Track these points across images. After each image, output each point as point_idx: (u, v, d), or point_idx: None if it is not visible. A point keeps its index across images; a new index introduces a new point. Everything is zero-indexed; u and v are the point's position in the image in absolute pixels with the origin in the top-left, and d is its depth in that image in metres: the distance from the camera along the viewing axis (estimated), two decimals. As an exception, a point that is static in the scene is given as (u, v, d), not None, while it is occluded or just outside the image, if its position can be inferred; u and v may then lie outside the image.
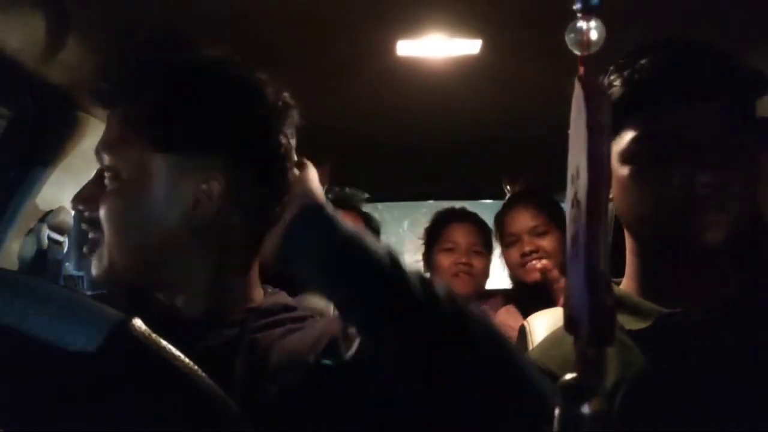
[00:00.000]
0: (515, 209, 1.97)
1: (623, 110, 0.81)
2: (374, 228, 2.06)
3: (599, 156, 0.35)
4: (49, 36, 1.10)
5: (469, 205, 2.37)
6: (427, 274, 2.19)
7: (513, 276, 1.99)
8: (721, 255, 0.80)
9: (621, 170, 0.83)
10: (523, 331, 1.17)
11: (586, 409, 0.34)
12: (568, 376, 0.36)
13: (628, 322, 0.84)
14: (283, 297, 0.93)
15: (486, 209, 2.34)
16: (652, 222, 0.82)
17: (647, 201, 0.81)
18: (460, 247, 2.12)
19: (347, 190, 2.07)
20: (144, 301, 0.86)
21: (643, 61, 0.81)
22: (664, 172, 0.79)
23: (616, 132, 0.83)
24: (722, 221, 0.78)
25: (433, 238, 2.19)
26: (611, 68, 0.84)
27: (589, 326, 0.34)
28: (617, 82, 0.82)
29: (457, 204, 2.38)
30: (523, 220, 1.92)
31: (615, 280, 0.91)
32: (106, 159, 0.83)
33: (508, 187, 2.34)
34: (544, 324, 1.14)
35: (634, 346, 0.82)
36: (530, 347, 1.11)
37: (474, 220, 2.20)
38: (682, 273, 0.83)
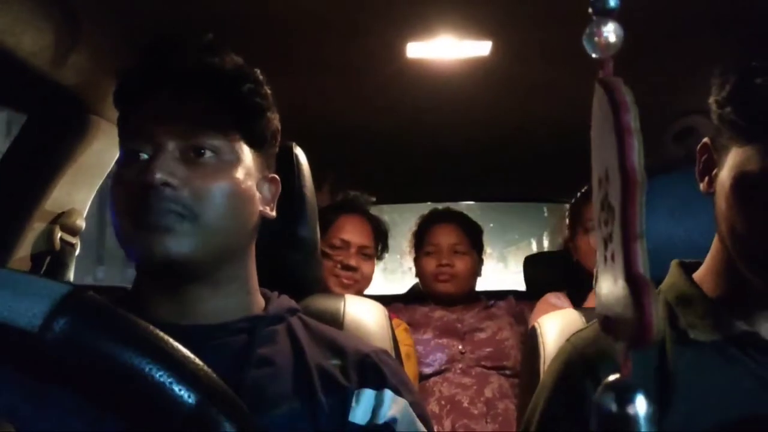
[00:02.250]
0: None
1: (754, 125, 0.73)
2: (382, 231, 2.04)
3: (632, 158, 0.35)
4: (61, 39, 1.10)
5: (477, 207, 2.38)
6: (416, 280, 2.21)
7: (578, 263, 1.96)
8: None
9: (739, 189, 0.74)
10: (533, 333, 1.16)
11: (632, 409, 0.34)
12: (612, 378, 0.36)
13: (695, 327, 0.80)
14: (287, 300, 0.93)
15: (492, 210, 2.34)
16: (758, 256, 0.74)
17: (760, 237, 0.73)
18: (441, 249, 2.12)
19: (353, 193, 2.05)
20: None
21: None
22: None
23: (746, 141, 0.73)
24: None
25: (418, 242, 2.21)
26: (755, 48, 0.74)
27: (633, 327, 0.34)
28: (763, 83, 0.71)
29: (468, 205, 2.38)
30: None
31: (692, 261, 0.87)
32: (201, 137, 0.81)
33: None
34: (555, 325, 1.13)
35: (697, 357, 0.78)
36: (541, 348, 1.11)
37: (457, 220, 2.19)
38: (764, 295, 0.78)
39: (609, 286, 0.37)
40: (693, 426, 0.74)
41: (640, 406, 0.35)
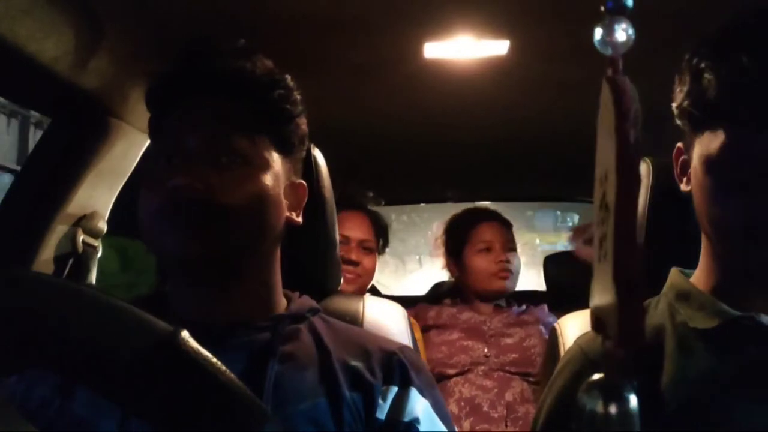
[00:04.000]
0: None
1: (715, 111, 0.77)
2: (382, 226, 2.04)
3: (629, 159, 0.34)
4: (83, 44, 1.12)
5: (497, 207, 2.37)
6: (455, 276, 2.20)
7: None
8: None
9: (706, 175, 0.79)
10: (554, 333, 1.16)
11: (613, 409, 0.34)
12: (596, 376, 0.36)
13: (694, 318, 0.83)
14: (308, 300, 0.94)
15: (512, 210, 2.34)
16: (732, 235, 0.79)
17: (730, 216, 0.77)
18: (495, 246, 2.10)
19: (350, 190, 2.04)
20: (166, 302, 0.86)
21: (743, 63, 0.73)
22: (755, 198, 0.75)
23: (703, 129, 0.79)
24: None
25: (462, 239, 2.17)
26: (703, 51, 0.79)
27: (618, 328, 0.34)
28: (711, 78, 0.76)
29: (486, 206, 2.37)
30: None
31: (686, 271, 0.91)
32: (232, 143, 0.81)
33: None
34: (575, 325, 1.13)
35: (698, 344, 0.81)
36: (561, 349, 1.10)
37: (500, 218, 2.20)
38: (756, 281, 0.81)
39: (601, 285, 0.37)
40: (692, 411, 0.76)
41: (625, 404, 0.34)
